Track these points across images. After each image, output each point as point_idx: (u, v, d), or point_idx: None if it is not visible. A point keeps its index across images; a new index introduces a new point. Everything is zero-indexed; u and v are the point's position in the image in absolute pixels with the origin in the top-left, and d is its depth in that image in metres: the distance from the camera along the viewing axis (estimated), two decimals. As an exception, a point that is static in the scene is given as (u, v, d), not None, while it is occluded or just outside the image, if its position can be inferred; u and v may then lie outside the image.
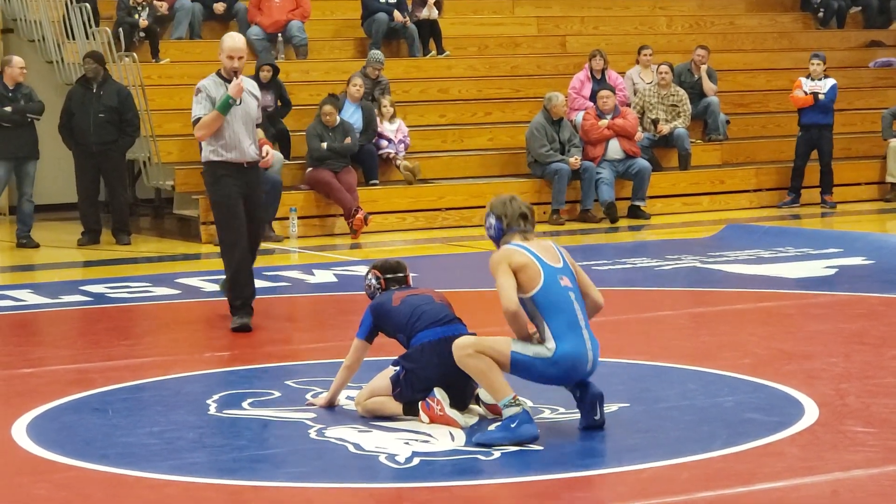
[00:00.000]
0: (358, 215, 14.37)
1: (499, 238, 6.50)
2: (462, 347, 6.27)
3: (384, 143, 15.49)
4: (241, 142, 9.12)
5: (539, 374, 6.28)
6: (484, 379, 6.24)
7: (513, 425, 6.10)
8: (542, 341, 6.26)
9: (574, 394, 6.42)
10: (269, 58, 15.92)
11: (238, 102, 9.08)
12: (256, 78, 15.18)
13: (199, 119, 9.10)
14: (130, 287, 11.21)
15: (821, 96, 16.27)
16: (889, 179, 17.00)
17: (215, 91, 9.17)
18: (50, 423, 6.75)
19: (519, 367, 6.27)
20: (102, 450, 6.18)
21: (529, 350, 6.25)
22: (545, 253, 6.37)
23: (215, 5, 17.19)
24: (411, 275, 7.06)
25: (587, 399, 6.37)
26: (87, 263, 13.30)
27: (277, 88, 15.39)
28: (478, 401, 6.66)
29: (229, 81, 9.19)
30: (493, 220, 6.53)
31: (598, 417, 6.36)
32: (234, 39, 9.34)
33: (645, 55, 17.11)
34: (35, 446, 6.25)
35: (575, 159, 15.38)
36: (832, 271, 11.42)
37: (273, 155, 9.26)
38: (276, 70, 15.36)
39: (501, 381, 6.20)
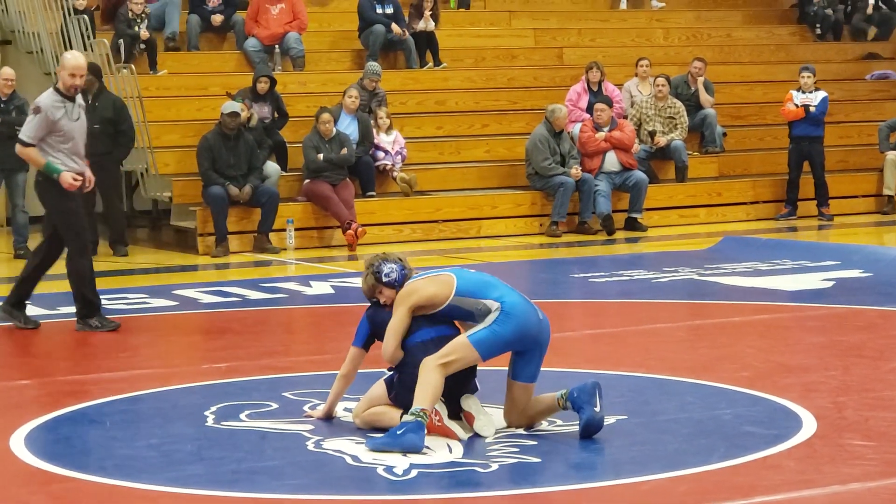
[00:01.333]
0: (350, 231, 14.37)
1: (402, 280, 6.65)
2: (425, 364, 6.35)
3: (381, 154, 15.50)
4: (79, 157, 9.64)
5: (503, 337, 6.41)
6: (419, 386, 6.30)
7: (399, 432, 6.19)
8: (486, 312, 6.46)
9: (572, 394, 6.42)
10: (266, 69, 15.94)
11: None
12: (254, 90, 15.22)
13: (29, 139, 9.42)
14: (128, 298, 11.20)
15: (812, 109, 16.31)
16: (886, 192, 17.02)
17: (54, 113, 9.42)
18: (47, 434, 6.75)
19: (485, 345, 6.39)
20: (100, 461, 6.17)
21: (480, 324, 6.43)
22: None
23: (213, 17, 17.20)
24: None
25: (586, 389, 6.38)
26: (84, 275, 13.26)
27: (274, 100, 15.40)
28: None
29: (70, 99, 9.49)
30: (393, 265, 6.67)
31: (597, 409, 6.36)
32: (77, 58, 9.60)
33: (643, 67, 17.14)
34: (32, 457, 6.24)
35: (576, 170, 15.39)
36: (829, 284, 11.42)
37: (91, 179, 9.59)
38: (273, 82, 15.38)
39: (427, 394, 6.27)
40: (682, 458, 6.07)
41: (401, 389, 6.52)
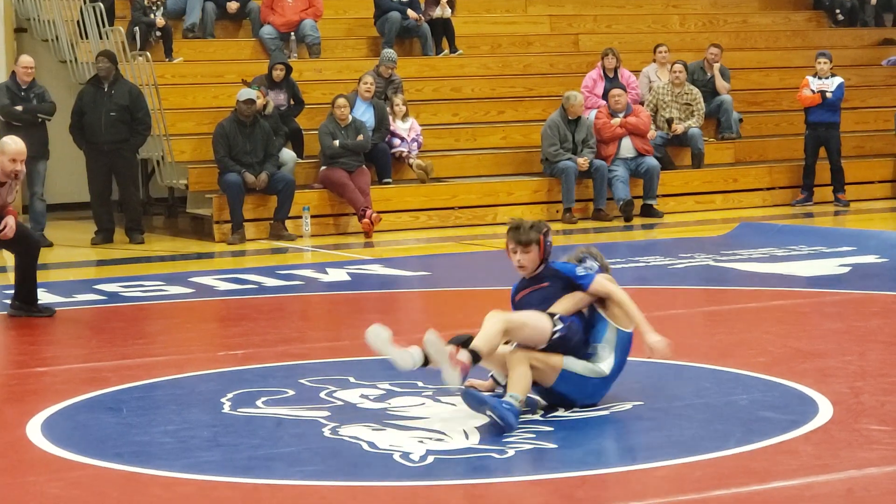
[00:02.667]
0: (365, 219, 14.38)
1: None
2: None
3: (397, 141, 15.50)
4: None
5: None
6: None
7: (505, 406, 6.28)
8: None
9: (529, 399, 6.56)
10: (281, 56, 15.94)
11: None
12: (269, 77, 15.23)
13: None
14: (144, 286, 11.23)
15: (828, 94, 16.26)
16: (902, 177, 16.97)
17: None
18: (64, 421, 6.77)
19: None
20: (117, 448, 6.19)
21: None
22: None
23: (228, 4, 17.22)
24: (423, 273, 7.09)
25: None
26: (101, 262, 13.34)
27: (290, 87, 15.41)
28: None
29: (2, 184, 9.58)
30: (593, 263, 6.82)
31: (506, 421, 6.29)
32: (17, 143, 9.60)
33: (661, 53, 17.09)
34: (49, 444, 6.26)
35: (584, 160, 15.34)
36: (846, 269, 11.40)
37: (12, 228, 9.57)
38: (288, 69, 15.39)
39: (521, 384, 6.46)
40: (699, 444, 6.07)
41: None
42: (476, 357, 6.36)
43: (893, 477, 5.56)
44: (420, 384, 7.24)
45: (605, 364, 6.65)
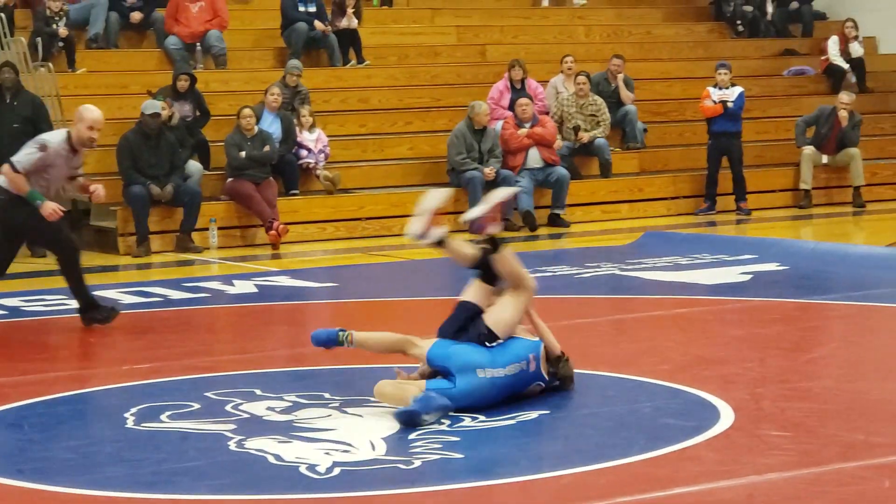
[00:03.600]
0: (272, 230, 14.33)
1: None
2: None
3: (304, 152, 15.46)
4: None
5: None
6: None
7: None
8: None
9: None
10: (185, 67, 15.84)
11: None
12: (174, 88, 15.12)
13: (21, 165, 9.49)
14: (46, 300, 11.09)
15: (729, 104, 16.50)
16: (802, 186, 17.24)
17: (55, 159, 9.52)
18: (-35, 438, 6.67)
19: None
20: (18, 465, 6.11)
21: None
22: None
23: (132, 14, 17.08)
24: (331, 285, 7.12)
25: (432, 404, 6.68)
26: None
27: (196, 98, 15.32)
28: None
29: (75, 152, 9.57)
30: None
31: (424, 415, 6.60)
32: (96, 112, 9.69)
33: (567, 64, 17.22)
34: (-51, 462, 6.17)
35: (490, 170, 15.42)
36: (747, 277, 11.56)
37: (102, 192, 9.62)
38: (193, 79, 15.29)
39: None
40: (603, 452, 6.13)
41: None
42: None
43: (793, 482, 5.66)
44: (327, 395, 7.24)
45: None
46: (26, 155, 9.51)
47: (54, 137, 9.66)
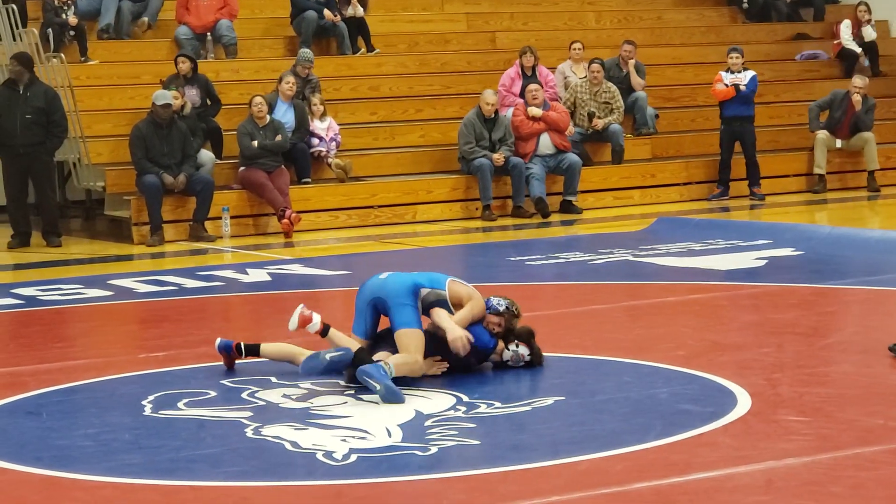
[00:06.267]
0: (284, 219, 14.33)
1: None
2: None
3: (315, 141, 15.45)
4: None
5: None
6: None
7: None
8: None
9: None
10: (186, 50, 15.82)
11: None
12: (182, 75, 15.11)
13: None
14: (62, 289, 11.11)
15: (742, 87, 16.46)
16: (816, 171, 17.20)
17: None
18: (-18, 427, 6.69)
19: None
20: (37, 452, 6.13)
21: None
22: None
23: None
24: (343, 272, 7.17)
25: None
26: (18, 266, 13.17)
27: (203, 84, 15.29)
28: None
29: None
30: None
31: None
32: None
33: (576, 50, 17.20)
34: (-32, 451, 6.19)
35: (499, 155, 15.39)
36: (762, 262, 11.54)
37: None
38: (193, 62, 15.26)
39: None
40: (619, 437, 6.13)
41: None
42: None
43: (811, 467, 5.65)
44: (342, 383, 7.25)
45: None
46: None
47: None
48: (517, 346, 7.49)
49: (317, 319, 7.51)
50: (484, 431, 6.27)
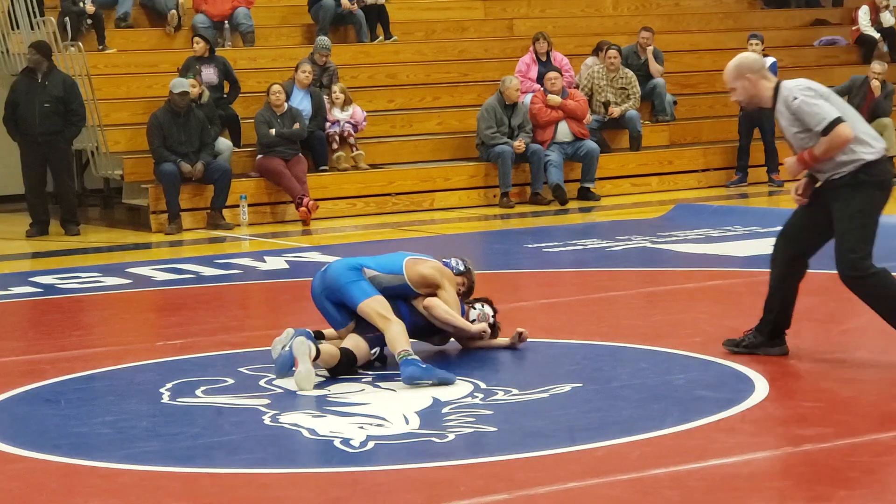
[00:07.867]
0: (302, 206, 14.34)
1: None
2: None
3: (333, 129, 15.43)
4: None
5: None
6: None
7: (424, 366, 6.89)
8: None
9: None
10: (201, 31, 15.81)
11: None
12: (198, 58, 15.13)
13: None
14: (80, 277, 11.15)
15: (762, 71, 16.38)
16: (835, 157, 17.11)
17: None
18: (2, 414, 6.72)
19: None
20: (55, 440, 6.15)
21: None
22: None
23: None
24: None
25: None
26: (36, 255, 13.22)
27: (221, 65, 15.29)
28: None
29: None
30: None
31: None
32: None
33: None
34: (-13, 438, 6.22)
35: (519, 142, 15.39)
36: (780, 249, 11.48)
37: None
38: (209, 42, 15.27)
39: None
40: (636, 424, 6.12)
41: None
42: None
43: (829, 453, 5.64)
44: (359, 371, 7.26)
45: None
46: None
47: None
48: (483, 305, 7.62)
49: (302, 367, 6.93)
50: (501, 418, 6.28)
